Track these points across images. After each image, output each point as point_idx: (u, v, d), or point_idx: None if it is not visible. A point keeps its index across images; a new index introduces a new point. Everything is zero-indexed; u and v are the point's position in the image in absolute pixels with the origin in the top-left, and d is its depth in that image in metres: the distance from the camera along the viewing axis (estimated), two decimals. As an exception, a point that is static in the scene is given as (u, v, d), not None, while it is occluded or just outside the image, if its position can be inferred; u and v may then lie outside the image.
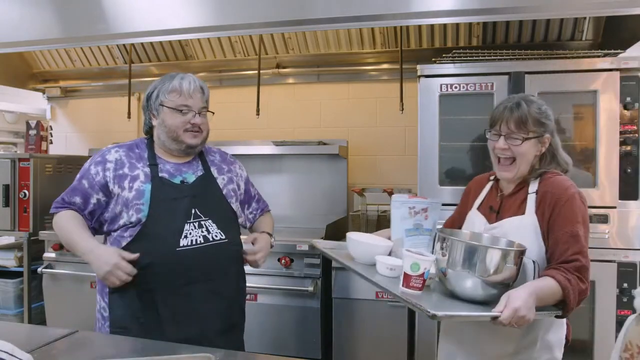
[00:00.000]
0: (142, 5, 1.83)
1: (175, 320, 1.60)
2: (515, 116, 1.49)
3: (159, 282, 1.59)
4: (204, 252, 1.64)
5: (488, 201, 1.64)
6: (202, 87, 1.77)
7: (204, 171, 1.77)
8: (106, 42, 2.95)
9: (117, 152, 1.72)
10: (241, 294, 1.83)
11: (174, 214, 1.64)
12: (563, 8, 1.58)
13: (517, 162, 1.52)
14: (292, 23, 1.73)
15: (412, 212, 1.63)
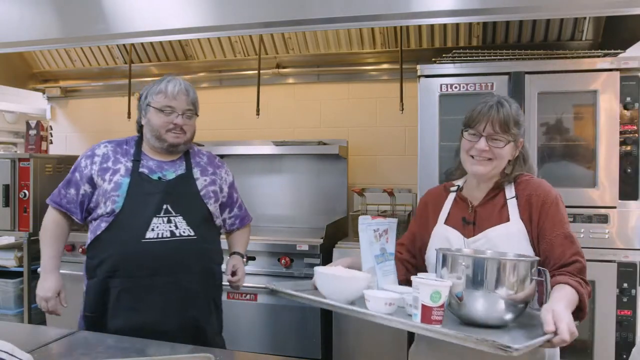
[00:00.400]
0: (142, 5, 1.83)
1: (135, 308, 1.69)
2: (500, 117, 1.42)
3: (123, 271, 1.70)
4: (169, 246, 1.72)
5: (456, 214, 1.54)
6: (187, 89, 1.85)
7: (185, 171, 1.86)
8: (106, 42, 2.95)
9: (105, 147, 1.85)
10: (212, 290, 1.89)
11: (145, 207, 1.73)
12: (563, 8, 1.58)
13: (494, 162, 1.45)
14: (292, 23, 1.73)
15: (377, 235, 1.47)
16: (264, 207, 3.44)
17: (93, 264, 1.76)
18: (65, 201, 1.84)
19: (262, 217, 3.45)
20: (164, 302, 1.72)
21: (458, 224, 1.51)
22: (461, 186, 1.59)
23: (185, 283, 1.75)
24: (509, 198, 1.47)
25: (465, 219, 1.50)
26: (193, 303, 1.78)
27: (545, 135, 2.35)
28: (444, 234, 1.52)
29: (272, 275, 2.70)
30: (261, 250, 2.74)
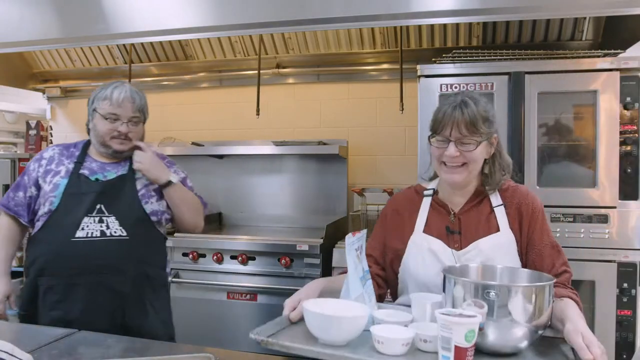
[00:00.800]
0: (142, 5, 1.83)
1: (59, 306, 1.71)
2: (465, 118, 1.32)
3: (50, 269, 1.72)
4: (98, 246, 1.72)
5: (436, 221, 1.43)
6: (133, 97, 1.84)
7: (127, 171, 1.85)
8: (106, 42, 2.95)
9: (52, 150, 1.88)
10: (144, 294, 1.81)
11: (78, 207, 1.74)
12: (563, 8, 1.58)
13: (468, 167, 1.36)
14: (292, 23, 1.73)
15: (357, 255, 1.30)
16: (264, 207, 3.45)
17: (27, 263, 1.80)
18: (13, 204, 1.85)
19: (262, 217, 3.45)
20: (88, 301, 1.71)
21: (441, 233, 1.41)
22: (436, 189, 1.49)
23: (113, 284, 1.73)
24: (495, 206, 1.41)
25: (450, 228, 1.40)
26: (121, 304, 1.74)
27: (545, 135, 2.35)
28: (425, 244, 1.41)
29: (272, 276, 2.70)
30: (261, 250, 2.74)
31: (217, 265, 2.79)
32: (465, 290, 1.15)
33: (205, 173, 3.52)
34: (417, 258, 1.41)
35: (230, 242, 2.79)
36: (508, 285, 1.15)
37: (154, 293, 1.85)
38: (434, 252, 1.39)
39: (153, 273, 1.86)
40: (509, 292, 1.12)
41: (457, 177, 1.37)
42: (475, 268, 1.32)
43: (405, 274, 1.45)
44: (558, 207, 2.31)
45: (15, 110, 4.68)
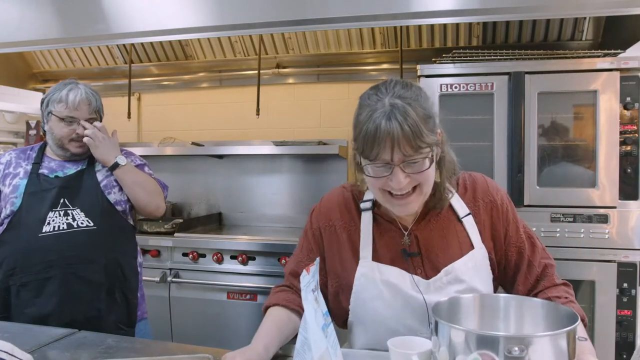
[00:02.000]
0: (142, 5, 1.83)
1: (34, 302, 1.70)
2: (407, 132, 1.00)
3: (21, 267, 1.71)
4: (67, 238, 1.73)
5: (387, 242, 1.16)
6: (89, 99, 1.85)
7: (86, 165, 1.87)
8: (106, 42, 2.94)
9: (9, 155, 1.89)
10: (121, 282, 1.83)
11: (41, 204, 1.75)
12: (563, 8, 1.58)
13: (422, 189, 1.08)
14: (292, 23, 1.73)
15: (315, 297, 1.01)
16: (264, 207, 3.44)
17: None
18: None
19: (262, 217, 3.45)
20: (62, 294, 1.71)
21: (394, 256, 1.14)
22: (374, 200, 1.19)
23: (85, 273, 1.74)
24: (463, 216, 1.16)
25: (407, 252, 1.13)
26: (95, 294, 1.76)
27: (545, 135, 2.35)
28: (377, 276, 1.13)
29: (272, 276, 2.70)
30: (261, 250, 2.74)
31: (217, 265, 2.79)
32: (473, 344, 0.87)
33: (205, 173, 3.52)
34: (372, 294, 1.14)
35: (230, 242, 2.79)
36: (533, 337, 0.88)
37: (125, 282, 1.87)
38: (391, 286, 1.12)
39: (124, 261, 1.87)
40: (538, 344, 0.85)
41: (411, 208, 1.09)
42: (472, 299, 1.08)
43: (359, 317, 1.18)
44: (558, 207, 2.31)
45: (15, 110, 4.67)
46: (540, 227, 2.32)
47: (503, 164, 2.35)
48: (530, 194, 2.33)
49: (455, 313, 1.07)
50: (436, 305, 1.01)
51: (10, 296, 1.73)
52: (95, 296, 1.77)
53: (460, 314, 1.07)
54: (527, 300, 1.09)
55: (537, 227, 2.33)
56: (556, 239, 2.31)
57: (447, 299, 1.06)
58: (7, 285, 1.73)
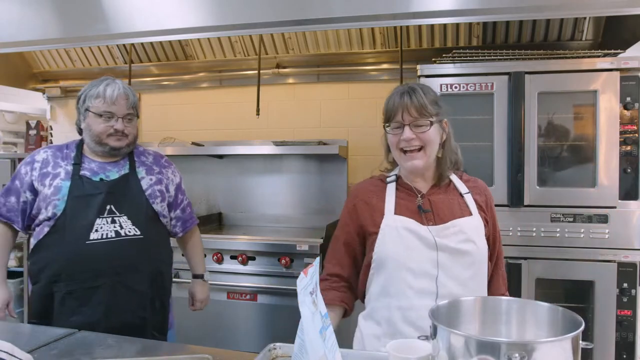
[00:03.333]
0: (142, 5, 1.83)
1: (79, 310, 1.67)
2: (415, 102, 1.41)
3: (67, 274, 1.67)
4: (115, 246, 1.70)
5: (406, 203, 1.45)
6: (127, 93, 1.83)
7: (129, 170, 1.84)
8: (106, 42, 2.94)
9: (45, 153, 1.83)
10: (161, 292, 1.86)
11: (87, 209, 1.71)
12: (563, 8, 1.58)
13: (426, 150, 1.42)
14: (292, 23, 1.73)
15: (313, 300, 1.02)
16: (264, 207, 3.45)
17: (36, 269, 1.73)
18: (5, 210, 1.79)
19: (262, 217, 3.45)
20: (109, 303, 1.69)
21: (412, 213, 1.43)
22: (398, 175, 1.54)
23: (131, 283, 1.73)
24: (464, 193, 1.48)
25: (422, 207, 1.44)
26: (140, 303, 1.76)
27: (545, 135, 2.35)
28: (398, 225, 1.41)
29: (272, 276, 2.70)
30: (261, 250, 2.74)
31: (217, 265, 2.79)
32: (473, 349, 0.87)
33: (205, 173, 3.52)
34: (393, 237, 1.40)
35: (230, 242, 2.79)
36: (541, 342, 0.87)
37: (164, 291, 1.88)
38: (409, 230, 1.40)
39: (164, 270, 1.89)
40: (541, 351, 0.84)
41: (417, 163, 1.42)
42: (472, 302, 1.10)
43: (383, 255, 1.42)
44: (558, 207, 2.31)
45: (15, 110, 4.68)
46: (540, 227, 2.32)
47: (503, 164, 2.35)
48: (530, 194, 2.33)
49: (456, 316, 1.06)
50: (436, 309, 1.03)
51: (54, 303, 1.69)
52: (140, 305, 1.76)
53: (460, 317, 1.07)
54: (529, 304, 1.08)
55: (537, 227, 2.33)
56: (556, 239, 2.31)
57: (446, 301, 1.09)
58: (50, 292, 1.69)
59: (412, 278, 1.36)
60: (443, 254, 1.37)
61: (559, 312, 1.02)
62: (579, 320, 0.93)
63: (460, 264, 1.37)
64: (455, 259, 1.37)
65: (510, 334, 1.06)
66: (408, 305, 1.37)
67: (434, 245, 1.37)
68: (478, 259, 1.40)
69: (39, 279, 1.72)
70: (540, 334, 1.03)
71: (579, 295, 2.36)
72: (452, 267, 1.37)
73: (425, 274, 1.36)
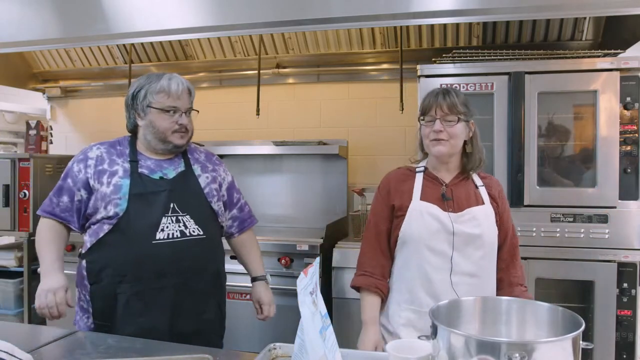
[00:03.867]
0: (142, 5, 1.83)
1: (145, 312, 1.61)
2: (447, 101, 1.61)
3: (132, 275, 1.62)
4: (180, 247, 1.66)
5: (430, 191, 1.67)
6: (189, 88, 1.81)
7: (185, 167, 1.79)
8: (106, 42, 2.95)
9: (98, 149, 1.75)
10: (219, 292, 1.84)
11: (151, 207, 1.65)
12: (563, 8, 1.58)
13: (451, 141, 1.62)
14: (292, 23, 1.73)
15: (313, 300, 1.03)
16: (264, 207, 3.44)
17: (96, 268, 1.66)
18: (59, 210, 1.71)
19: (262, 217, 3.44)
20: (174, 305, 1.65)
21: (436, 199, 1.65)
22: (426, 166, 1.74)
23: (195, 284, 1.69)
24: (479, 185, 1.69)
25: (445, 195, 1.65)
26: (204, 305, 1.73)
27: (545, 135, 2.35)
28: (423, 209, 1.64)
29: (272, 275, 2.68)
30: (261, 250, 2.73)
31: (217, 265, 2.78)
32: (473, 349, 0.87)
33: (205, 173, 3.52)
34: (418, 219, 1.63)
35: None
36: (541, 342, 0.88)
37: (223, 293, 1.87)
38: (432, 214, 1.63)
39: (222, 270, 1.87)
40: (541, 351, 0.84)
41: (442, 149, 1.62)
42: (472, 302, 1.11)
43: (407, 234, 1.66)
44: (558, 207, 2.31)
45: (15, 110, 4.68)
46: (540, 227, 2.32)
47: (503, 164, 2.35)
48: (530, 194, 2.32)
49: (456, 316, 1.07)
50: (436, 309, 1.04)
51: (117, 304, 1.62)
52: (204, 308, 1.73)
53: (461, 317, 1.08)
54: (529, 304, 1.09)
55: (537, 227, 2.33)
56: (556, 239, 2.31)
57: (447, 301, 1.11)
58: (113, 292, 1.63)
59: (431, 255, 1.61)
60: (458, 237, 1.60)
61: (559, 312, 1.02)
62: (579, 320, 0.94)
63: (472, 246, 1.60)
64: (468, 242, 1.60)
65: (510, 334, 1.07)
66: (426, 278, 1.61)
67: (451, 229, 1.60)
68: (487, 241, 1.62)
69: (99, 279, 1.65)
70: (540, 334, 1.03)
71: (579, 295, 2.36)
72: (465, 249, 1.60)
73: (442, 253, 1.60)
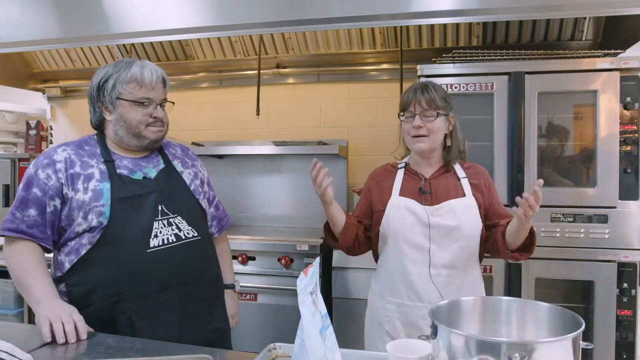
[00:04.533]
0: (142, 5, 1.83)
1: (151, 330, 1.43)
2: (425, 96, 1.63)
3: (131, 291, 1.43)
4: (177, 252, 1.49)
5: (409, 186, 1.71)
6: (163, 77, 1.62)
7: (165, 164, 1.62)
8: (106, 42, 2.95)
9: (64, 151, 1.52)
10: (219, 296, 1.70)
11: (140, 212, 1.47)
12: (563, 8, 1.58)
13: (430, 136, 1.65)
14: (292, 23, 1.73)
15: (313, 300, 1.02)
16: (264, 207, 3.45)
17: (82, 292, 1.44)
18: (25, 226, 1.45)
19: (262, 217, 3.45)
20: (180, 318, 1.49)
21: (414, 194, 1.69)
22: (407, 162, 1.78)
23: (200, 291, 1.55)
24: (461, 177, 1.70)
25: (422, 189, 1.69)
26: (210, 313, 1.60)
27: (545, 135, 2.35)
28: (401, 204, 1.68)
29: (272, 275, 2.70)
30: (261, 250, 2.74)
31: (217, 265, 2.79)
32: (473, 349, 0.87)
33: (205, 173, 3.52)
34: (395, 215, 1.68)
35: (230, 242, 2.78)
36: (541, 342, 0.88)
37: (222, 293, 1.71)
38: (409, 208, 1.67)
39: (219, 273, 1.70)
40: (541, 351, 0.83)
41: (423, 145, 1.65)
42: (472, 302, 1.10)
43: (386, 228, 1.71)
44: (558, 207, 2.31)
45: (15, 110, 4.68)
46: (540, 227, 2.32)
47: (503, 164, 2.35)
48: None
49: (456, 316, 1.07)
50: (436, 309, 1.03)
51: (117, 327, 1.42)
52: (212, 315, 1.59)
53: (461, 317, 1.08)
54: (529, 304, 1.08)
55: (537, 227, 2.31)
56: (556, 239, 2.31)
57: (446, 301, 1.09)
58: (112, 314, 1.42)
59: (408, 248, 1.65)
60: (434, 229, 1.63)
61: (559, 312, 1.02)
62: (579, 320, 0.94)
63: (449, 238, 1.63)
64: (445, 234, 1.63)
65: (510, 334, 1.07)
66: (404, 270, 1.65)
67: (427, 222, 1.63)
68: (466, 233, 1.64)
69: (89, 302, 1.43)
70: (540, 334, 1.04)
71: (579, 295, 2.36)
72: (442, 241, 1.63)
73: (419, 246, 1.64)
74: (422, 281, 1.63)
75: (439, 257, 1.63)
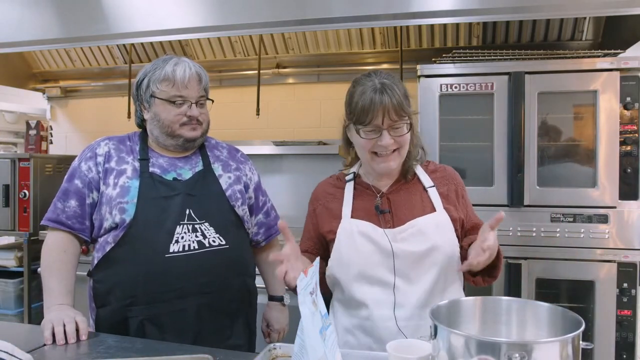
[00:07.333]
0: (142, 5, 1.83)
1: (163, 340, 1.40)
2: (394, 102, 1.25)
3: (144, 295, 1.40)
4: (199, 260, 1.43)
5: (363, 205, 1.36)
6: (199, 73, 1.53)
7: (203, 167, 1.55)
8: (106, 42, 2.95)
9: (106, 145, 1.53)
10: (250, 310, 1.63)
11: (164, 214, 1.42)
12: (563, 8, 1.58)
13: (400, 151, 1.32)
14: (292, 23, 1.73)
15: (313, 300, 1.00)
16: (264, 207, 3.44)
17: (103, 290, 1.44)
18: (65, 216, 1.47)
19: (262, 217, 3.45)
20: (198, 328, 1.44)
21: (369, 215, 1.34)
22: (357, 173, 1.43)
23: (221, 303, 1.48)
24: (428, 187, 1.37)
25: (379, 208, 1.33)
26: (232, 327, 1.53)
27: (545, 135, 2.35)
28: (353, 229, 1.32)
29: (272, 275, 2.69)
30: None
31: (217, 265, 2.78)
32: (473, 349, 0.87)
33: (205, 173, 3.52)
34: (348, 243, 1.32)
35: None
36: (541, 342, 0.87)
37: (251, 307, 1.63)
38: (364, 234, 1.31)
39: (251, 284, 1.62)
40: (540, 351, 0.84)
41: (392, 165, 1.32)
42: (472, 302, 1.09)
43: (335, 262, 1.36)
44: (558, 207, 2.31)
45: (15, 110, 4.68)
46: (540, 227, 2.32)
47: (503, 164, 2.35)
48: (530, 194, 2.32)
49: (456, 316, 1.07)
50: (436, 309, 1.02)
51: (129, 331, 1.40)
52: (233, 330, 1.52)
53: (460, 317, 1.07)
54: (529, 304, 1.08)
55: (537, 227, 2.33)
56: (556, 239, 2.31)
57: (446, 301, 1.08)
58: (123, 317, 1.40)
59: (368, 288, 1.30)
60: (400, 259, 1.28)
61: (559, 312, 1.01)
62: (579, 321, 0.93)
63: (422, 268, 1.28)
64: (416, 264, 1.28)
65: (510, 334, 1.07)
66: (366, 315, 1.30)
67: (390, 251, 1.28)
68: (440, 259, 1.29)
69: (107, 302, 1.43)
70: (540, 334, 1.04)
71: (579, 295, 2.36)
72: (412, 273, 1.28)
73: (381, 282, 1.29)
74: (387, 329, 1.26)
75: (408, 295, 1.27)
